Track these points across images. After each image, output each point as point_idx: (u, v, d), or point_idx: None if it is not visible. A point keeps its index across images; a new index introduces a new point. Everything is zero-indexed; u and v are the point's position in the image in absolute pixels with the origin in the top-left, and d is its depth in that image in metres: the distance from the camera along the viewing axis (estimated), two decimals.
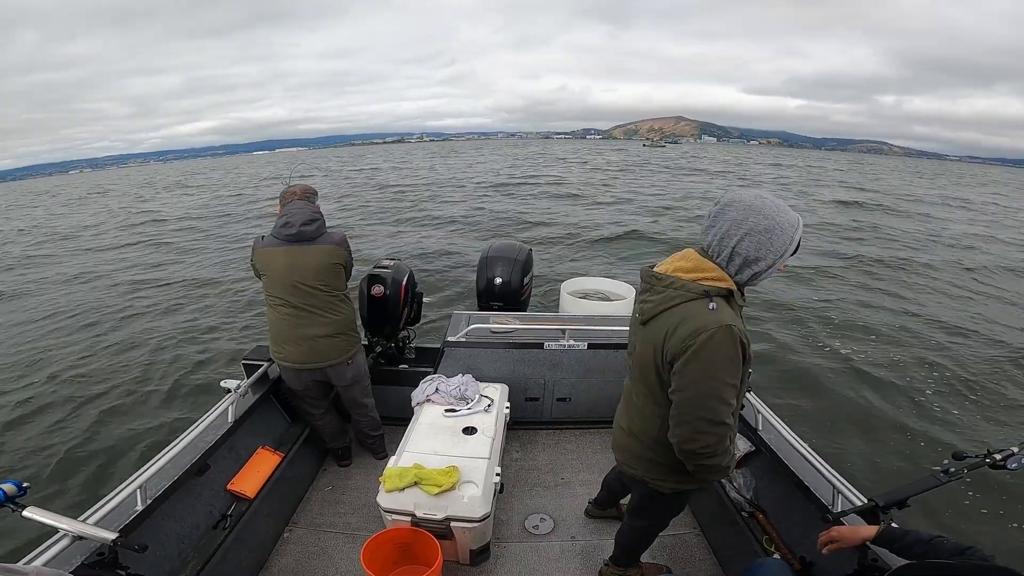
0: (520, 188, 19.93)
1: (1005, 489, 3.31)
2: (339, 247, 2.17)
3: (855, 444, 3.92)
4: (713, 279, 1.10)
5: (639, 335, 1.25)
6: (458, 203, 16.10)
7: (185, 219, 15.97)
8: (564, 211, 14.28)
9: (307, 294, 2.09)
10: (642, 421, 1.33)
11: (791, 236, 1.07)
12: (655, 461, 1.35)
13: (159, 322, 6.57)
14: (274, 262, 2.08)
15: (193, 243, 11.99)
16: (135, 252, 11.43)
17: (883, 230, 13.12)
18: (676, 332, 1.08)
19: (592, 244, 10.25)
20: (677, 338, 1.08)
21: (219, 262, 9.86)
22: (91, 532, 1.30)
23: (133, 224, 15.86)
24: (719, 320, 1.05)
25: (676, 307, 1.11)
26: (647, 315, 1.18)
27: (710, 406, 1.08)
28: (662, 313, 1.13)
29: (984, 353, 5.70)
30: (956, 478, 1.32)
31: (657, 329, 1.14)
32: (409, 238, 10.88)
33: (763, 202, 1.06)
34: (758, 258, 1.07)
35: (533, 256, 3.50)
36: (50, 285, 8.96)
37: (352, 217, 14.30)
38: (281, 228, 2.07)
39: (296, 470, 2.34)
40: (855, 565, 1.36)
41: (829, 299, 7.40)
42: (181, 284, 8.40)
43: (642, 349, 1.22)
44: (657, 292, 1.15)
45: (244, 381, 2.26)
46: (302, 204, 2.14)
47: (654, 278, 1.17)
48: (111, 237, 13.79)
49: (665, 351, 1.12)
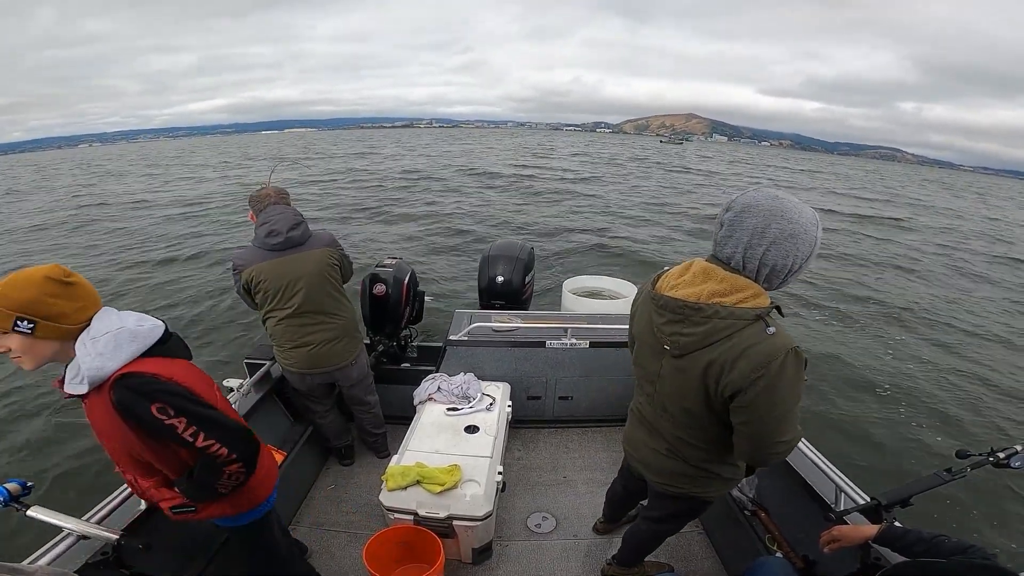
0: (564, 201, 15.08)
1: (1008, 488, 3.30)
2: (331, 247, 2.10)
3: (858, 443, 3.91)
4: (753, 298, 1.01)
5: (668, 364, 1.14)
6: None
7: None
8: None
9: (308, 301, 2.03)
10: (686, 447, 1.25)
11: (815, 236, 1.00)
12: (708, 477, 1.28)
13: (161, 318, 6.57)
14: (268, 276, 1.96)
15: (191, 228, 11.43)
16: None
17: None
18: (737, 366, 0.99)
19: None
20: (739, 372, 0.99)
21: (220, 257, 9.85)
22: (95, 531, 1.31)
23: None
24: (784, 345, 0.97)
25: (727, 338, 1.01)
26: (687, 349, 1.07)
27: (783, 429, 1.04)
28: (708, 346, 1.03)
29: (987, 352, 5.68)
30: (959, 476, 1.31)
31: (702, 362, 1.04)
32: (407, 236, 10.79)
33: (781, 203, 0.98)
34: (786, 266, 1.00)
35: (535, 254, 3.51)
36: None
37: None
38: (266, 238, 1.94)
39: (299, 469, 2.35)
40: (858, 564, 1.36)
41: (829, 298, 7.39)
42: (181, 284, 8.41)
43: (676, 381, 1.14)
44: (696, 323, 1.04)
45: (247, 380, 2.26)
46: (281, 208, 1.99)
47: (688, 308, 1.05)
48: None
49: (721, 387, 1.03)
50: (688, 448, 1.24)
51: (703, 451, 1.23)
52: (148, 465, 1.17)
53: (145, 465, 1.17)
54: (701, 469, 1.26)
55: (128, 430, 1.07)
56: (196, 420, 1.09)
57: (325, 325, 2.11)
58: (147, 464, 1.16)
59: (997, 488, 3.30)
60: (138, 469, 1.18)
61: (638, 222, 12.49)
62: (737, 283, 1.01)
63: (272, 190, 2.09)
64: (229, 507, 1.29)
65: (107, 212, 14.03)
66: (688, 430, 1.21)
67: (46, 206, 15.83)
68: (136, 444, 1.10)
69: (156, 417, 1.05)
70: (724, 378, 1.02)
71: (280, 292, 1.99)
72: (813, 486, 1.71)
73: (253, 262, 1.96)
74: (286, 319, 2.04)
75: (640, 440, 1.40)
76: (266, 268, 1.96)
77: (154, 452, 1.14)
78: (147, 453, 1.13)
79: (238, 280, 2.01)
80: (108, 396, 1.04)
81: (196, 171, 26.67)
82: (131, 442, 1.10)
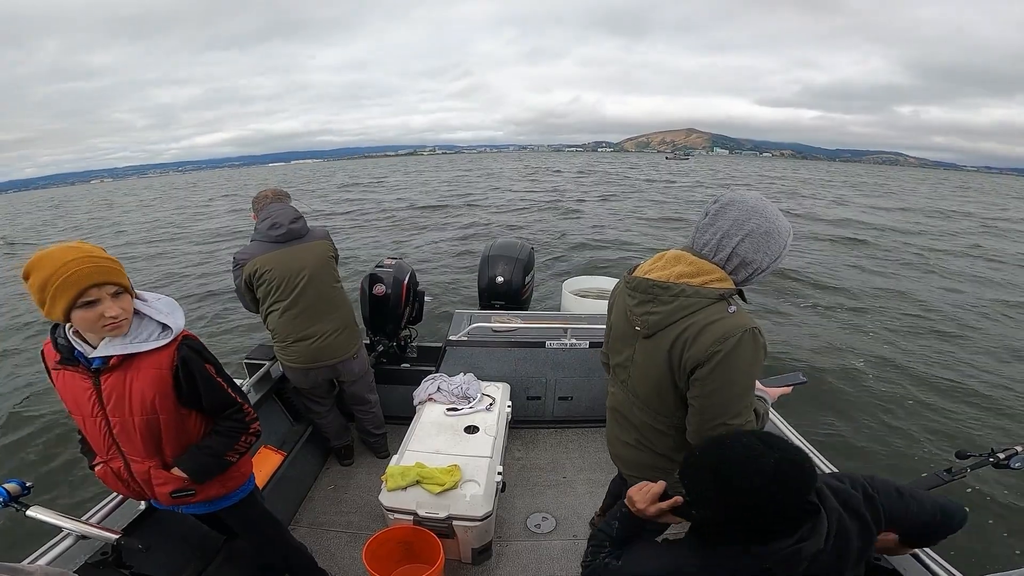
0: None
1: (1009, 488, 3.30)
2: (327, 240, 2.18)
3: (858, 443, 3.91)
4: (719, 281, 1.07)
5: (640, 348, 1.19)
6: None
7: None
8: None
9: (312, 292, 2.08)
10: (654, 434, 1.28)
11: (786, 241, 1.07)
12: (675, 466, 1.31)
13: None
14: (271, 266, 2.02)
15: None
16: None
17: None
18: (698, 340, 1.05)
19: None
20: (700, 346, 1.04)
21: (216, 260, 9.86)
22: (95, 531, 1.31)
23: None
24: (743, 324, 1.03)
25: (691, 315, 1.06)
26: (655, 327, 1.12)
27: (733, 410, 1.07)
28: (674, 323, 1.09)
29: (989, 351, 5.68)
30: (959, 477, 1.32)
31: (667, 339, 1.10)
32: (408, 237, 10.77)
33: (764, 204, 1.06)
34: (755, 260, 1.07)
35: (535, 255, 3.51)
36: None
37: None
38: (269, 230, 2.01)
39: (298, 469, 2.34)
40: None
41: (829, 296, 7.39)
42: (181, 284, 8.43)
43: (646, 362, 1.18)
44: (664, 303, 1.10)
45: (246, 380, 2.26)
46: (281, 205, 2.09)
47: (657, 287, 1.11)
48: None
49: (684, 360, 1.08)
50: (655, 435, 1.27)
51: (670, 438, 1.25)
52: (156, 442, 1.20)
53: (154, 441, 1.20)
54: (668, 459, 1.28)
55: (169, 392, 1.15)
56: (231, 384, 1.26)
57: (327, 317, 2.14)
58: (155, 441, 1.20)
59: (997, 489, 3.30)
60: (145, 447, 1.20)
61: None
62: (704, 267, 1.08)
63: (271, 191, 2.17)
64: (221, 487, 1.36)
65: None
66: (656, 415, 1.24)
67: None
68: (168, 408, 1.16)
69: (210, 374, 1.20)
70: (686, 352, 1.06)
71: (284, 282, 2.04)
72: None
73: (256, 254, 2.02)
74: (289, 311, 2.08)
75: (614, 436, 1.43)
76: (270, 259, 2.02)
77: (175, 422, 1.19)
78: (169, 422, 1.18)
79: (239, 275, 2.05)
80: (172, 353, 1.14)
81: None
82: (163, 407, 1.16)
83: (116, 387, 1.12)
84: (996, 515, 3.13)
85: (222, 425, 1.27)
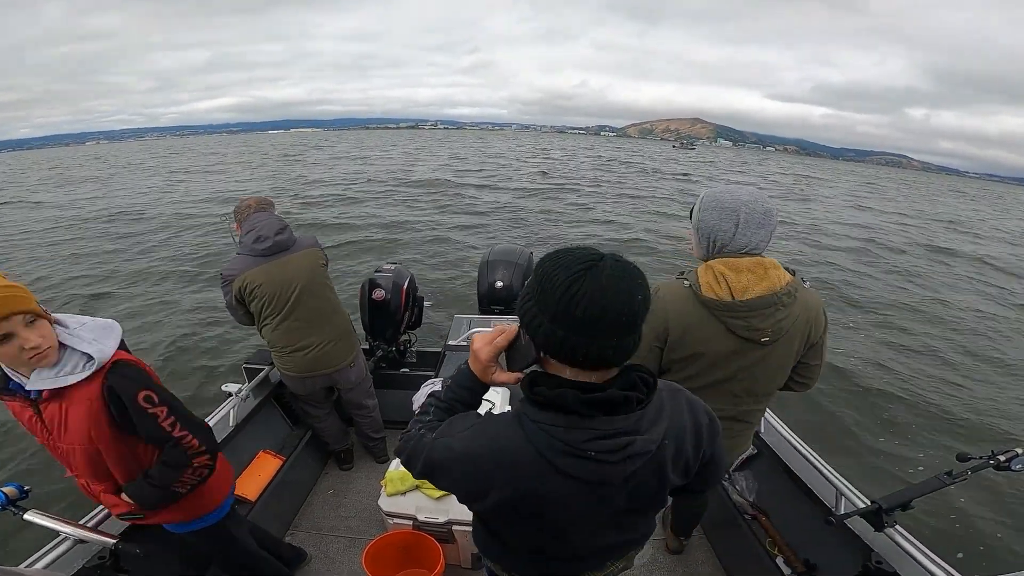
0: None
1: (1009, 490, 3.29)
2: (317, 248, 2.11)
3: (858, 446, 3.90)
4: (775, 264, 1.22)
5: (761, 354, 1.23)
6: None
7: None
8: None
9: (305, 304, 2.03)
10: (755, 416, 1.41)
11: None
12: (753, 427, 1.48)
13: (161, 321, 6.57)
14: (260, 281, 1.94)
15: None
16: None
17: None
18: (817, 317, 1.24)
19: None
20: (820, 319, 1.25)
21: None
22: (92, 536, 1.30)
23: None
24: (816, 293, 1.25)
25: (803, 301, 1.22)
26: (786, 329, 1.22)
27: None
28: (800, 315, 1.23)
29: (990, 352, 5.69)
30: (960, 480, 1.31)
31: (797, 330, 1.23)
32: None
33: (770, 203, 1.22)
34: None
35: (534, 260, 3.51)
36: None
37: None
38: (254, 244, 1.93)
39: (297, 474, 2.33)
40: (859, 568, 1.35)
41: (829, 295, 7.39)
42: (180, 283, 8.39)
43: (774, 362, 1.27)
44: (787, 305, 1.21)
45: (245, 385, 2.26)
46: (264, 215, 2.00)
47: (783, 296, 1.19)
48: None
49: (812, 337, 1.26)
50: (757, 415, 1.43)
51: (763, 411, 1.45)
52: (102, 468, 1.16)
53: (99, 468, 1.16)
54: (754, 424, 1.46)
55: (103, 422, 1.09)
56: (174, 411, 1.14)
57: (322, 327, 2.11)
58: (101, 467, 1.15)
59: (998, 490, 3.29)
60: (91, 472, 1.17)
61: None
62: (766, 261, 1.20)
63: (253, 200, 2.06)
64: (181, 513, 1.30)
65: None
66: (767, 399, 1.38)
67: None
68: (104, 438, 1.10)
69: (142, 405, 1.09)
70: (814, 330, 1.24)
71: (276, 297, 1.97)
72: (813, 490, 1.71)
73: (244, 269, 1.93)
74: (283, 324, 2.03)
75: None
76: (259, 273, 1.94)
77: (116, 450, 1.13)
78: (110, 451, 1.13)
79: (228, 292, 1.98)
80: (100, 383, 1.06)
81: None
82: (100, 437, 1.10)
83: (55, 416, 1.08)
84: (997, 517, 3.12)
85: (168, 455, 1.17)
